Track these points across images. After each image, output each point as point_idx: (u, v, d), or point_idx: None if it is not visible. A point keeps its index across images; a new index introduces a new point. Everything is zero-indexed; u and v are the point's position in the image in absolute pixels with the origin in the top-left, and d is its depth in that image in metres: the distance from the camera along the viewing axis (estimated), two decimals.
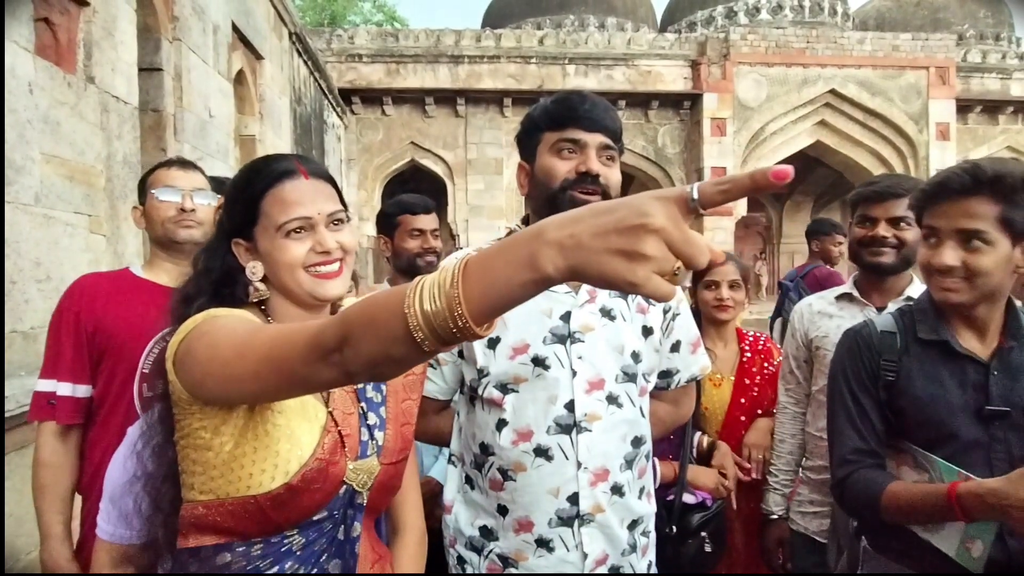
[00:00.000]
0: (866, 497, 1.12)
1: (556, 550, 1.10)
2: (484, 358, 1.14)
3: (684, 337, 1.26)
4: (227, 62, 4.66)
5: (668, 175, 12.87)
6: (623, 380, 1.14)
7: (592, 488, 1.10)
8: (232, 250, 0.87)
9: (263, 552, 0.80)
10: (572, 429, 1.10)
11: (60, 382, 1.41)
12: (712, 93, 12.21)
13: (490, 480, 1.14)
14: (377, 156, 11.98)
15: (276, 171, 0.86)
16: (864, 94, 12.65)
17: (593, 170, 1.11)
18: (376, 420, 0.91)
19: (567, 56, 12.05)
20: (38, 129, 2.36)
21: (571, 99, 1.15)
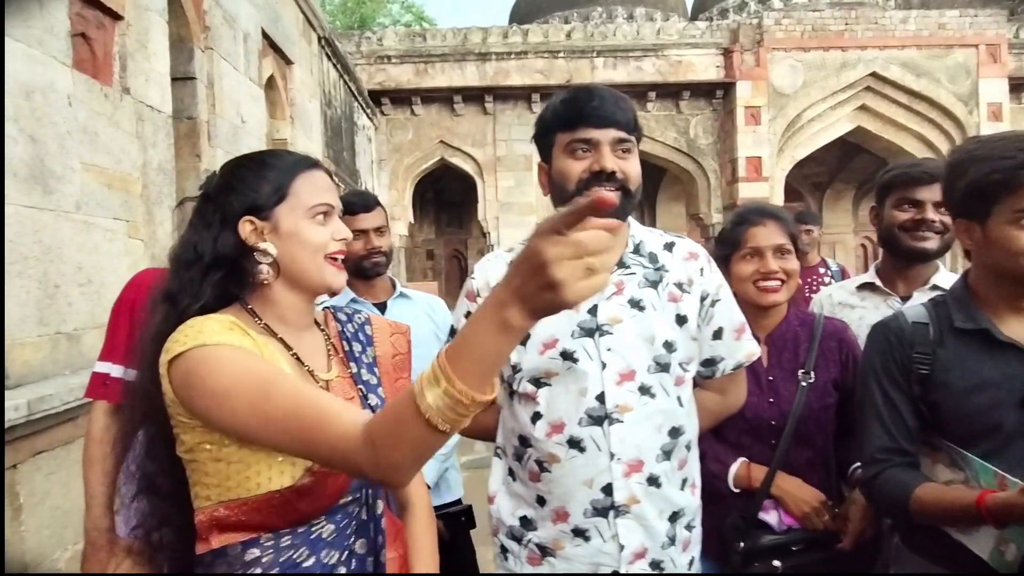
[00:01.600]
0: (894, 499, 1.09)
1: (592, 540, 1.11)
2: (516, 354, 1.17)
3: (726, 323, 1.23)
4: (258, 68, 4.78)
5: (701, 167, 12.64)
6: (656, 370, 1.13)
7: (626, 479, 1.11)
8: (236, 230, 0.86)
9: (292, 542, 0.81)
10: (603, 420, 1.11)
11: (115, 364, 1.52)
12: (746, 81, 11.92)
13: (529, 471, 1.17)
14: (407, 156, 12.11)
15: (309, 159, 0.92)
16: (908, 76, 12.16)
17: (607, 168, 1.11)
18: (376, 401, 0.93)
19: (595, 49, 11.94)
20: (77, 140, 2.47)
21: (579, 97, 1.15)
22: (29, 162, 2.19)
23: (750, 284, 1.42)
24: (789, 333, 1.45)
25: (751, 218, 1.45)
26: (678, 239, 1.25)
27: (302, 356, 0.89)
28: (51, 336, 2.30)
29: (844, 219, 15.95)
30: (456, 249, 15.80)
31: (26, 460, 2.05)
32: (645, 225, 1.29)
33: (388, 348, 1.01)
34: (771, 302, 1.42)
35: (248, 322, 0.86)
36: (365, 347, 0.99)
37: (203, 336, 0.77)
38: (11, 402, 1.92)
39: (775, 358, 1.44)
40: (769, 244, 1.41)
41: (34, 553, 2.07)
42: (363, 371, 0.95)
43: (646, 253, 1.19)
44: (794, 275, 1.42)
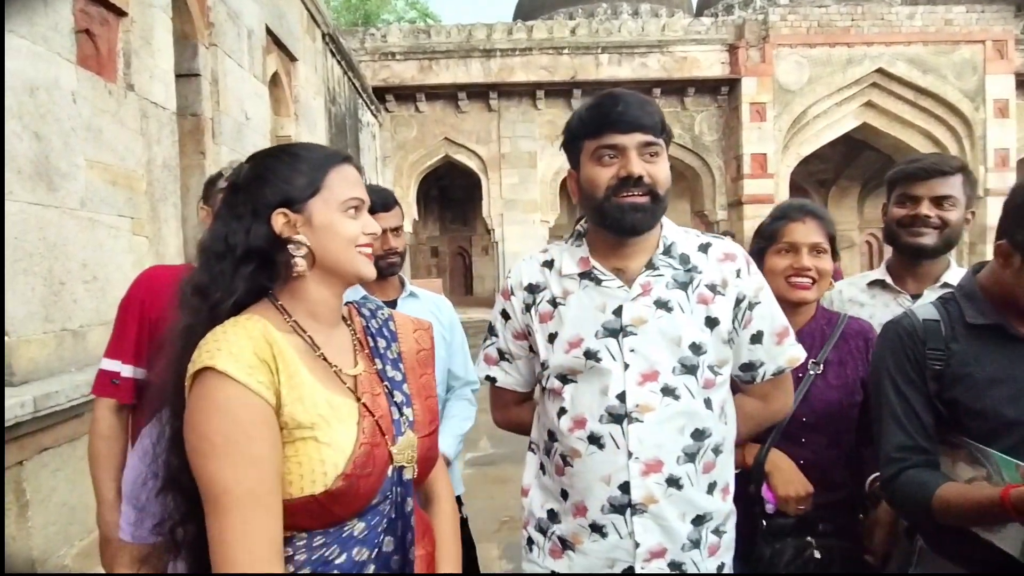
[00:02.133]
0: (916, 501, 1.07)
1: (608, 536, 1.12)
2: (545, 351, 1.20)
3: (767, 327, 1.21)
4: (262, 65, 4.78)
5: (706, 163, 12.60)
6: (681, 372, 1.13)
7: (643, 478, 1.10)
8: (268, 222, 0.85)
9: (325, 542, 0.82)
10: (623, 419, 1.11)
11: (125, 364, 1.53)
12: (751, 77, 11.87)
13: (555, 465, 1.19)
14: (412, 153, 12.11)
15: (341, 153, 0.93)
16: (915, 72, 12.09)
17: (634, 173, 1.11)
18: (402, 397, 0.94)
19: (600, 45, 11.90)
20: (82, 137, 2.46)
21: (604, 104, 1.15)
22: (34, 159, 2.19)
23: (782, 279, 1.41)
24: (817, 331, 1.44)
25: (791, 214, 1.44)
26: (716, 240, 1.24)
27: (329, 354, 0.89)
28: (56, 333, 2.31)
29: (849, 216, 15.89)
30: (460, 246, 15.80)
31: (32, 457, 2.06)
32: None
33: (412, 344, 1.02)
34: (800, 299, 1.40)
35: (277, 322, 0.86)
36: (390, 343, 0.99)
37: (218, 356, 0.77)
38: (17, 399, 1.92)
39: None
40: (806, 241, 1.40)
41: (40, 549, 2.08)
42: (388, 367, 0.96)
43: (677, 255, 1.19)
44: (826, 275, 1.41)
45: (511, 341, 1.26)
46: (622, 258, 1.17)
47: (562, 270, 1.20)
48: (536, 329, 1.20)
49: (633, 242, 1.17)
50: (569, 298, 1.18)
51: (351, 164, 0.93)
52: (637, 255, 1.17)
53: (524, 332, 1.23)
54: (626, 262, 1.17)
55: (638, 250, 1.17)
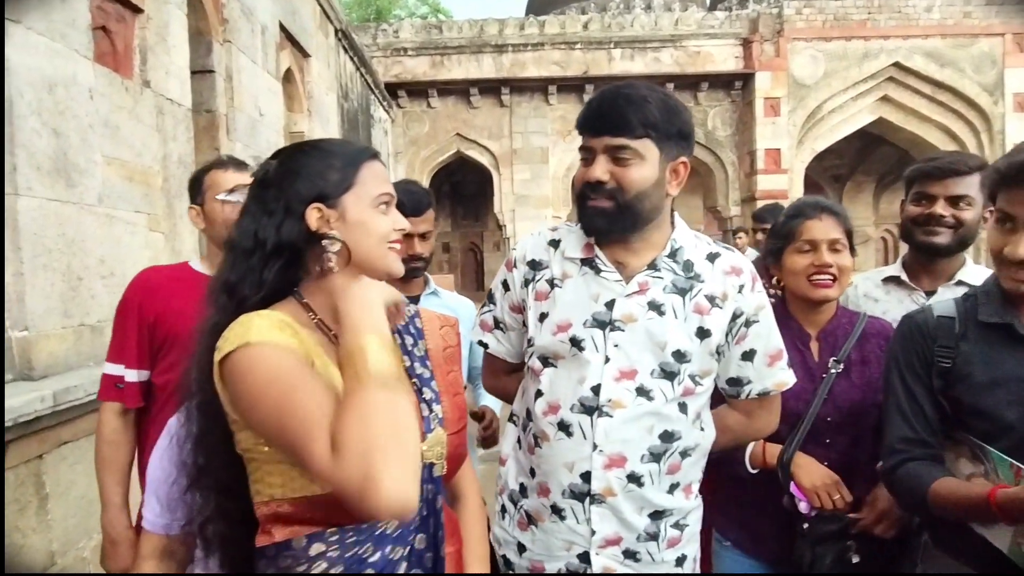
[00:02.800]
0: (912, 494, 1.09)
1: (567, 519, 1.15)
2: (533, 329, 1.20)
3: (760, 347, 1.21)
4: (275, 61, 4.79)
5: (719, 159, 12.49)
6: (659, 376, 1.13)
7: (605, 471, 1.12)
8: (301, 217, 0.84)
9: (357, 538, 0.81)
10: (594, 411, 1.12)
11: (128, 368, 1.53)
12: (765, 72, 11.73)
13: (527, 443, 1.22)
14: (424, 149, 12.11)
15: (371, 149, 0.93)
16: (932, 66, 11.89)
17: (591, 178, 1.11)
18: (431, 394, 0.93)
19: (612, 40, 11.81)
20: (99, 133, 2.48)
21: (589, 103, 1.15)
22: (52, 155, 2.21)
23: (803, 278, 1.39)
24: (840, 330, 1.43)
25: (807, 211, 1.43)
26: (725, 251, 1.22)
27: None
28: (75, 328, 2.33)
29: (865, 212, 15.69)
30: (472, 242, 15.80)
31: (51, 451, 2.08)
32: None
33: (439, 341, 1.02)
34: (823, 296, 1.38)
35: (302, 319, 0.85)
36: (416, 340, 0.99)
37: (248, 334, 0.77)
38: (36, 393, 1.94)
39: (826, 354, 1.41)
40: (825, 238, 1.38)
41: (60, 542, 2.11)
42: (416, 364, 0.96)
43: (682, 260, 1.17)
44: (847, 271, 1.40)
45: (507, 312, 1.27)
46: (624, 253, 1.16)
47: (566, 252, 1.20)
48: (530, 305, 1.20)
49: (632, 242, 1.16)
50: (567, 282, 1.18)
51: (379, 160, 0.93)
52: (640, 253, 1.16)
53: (520, 305, 1.24)
54: (628, 257, 1.16)
55: (641, 248, 1.16)
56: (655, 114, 1.09)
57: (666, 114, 1.10)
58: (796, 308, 1.45)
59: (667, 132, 1.11)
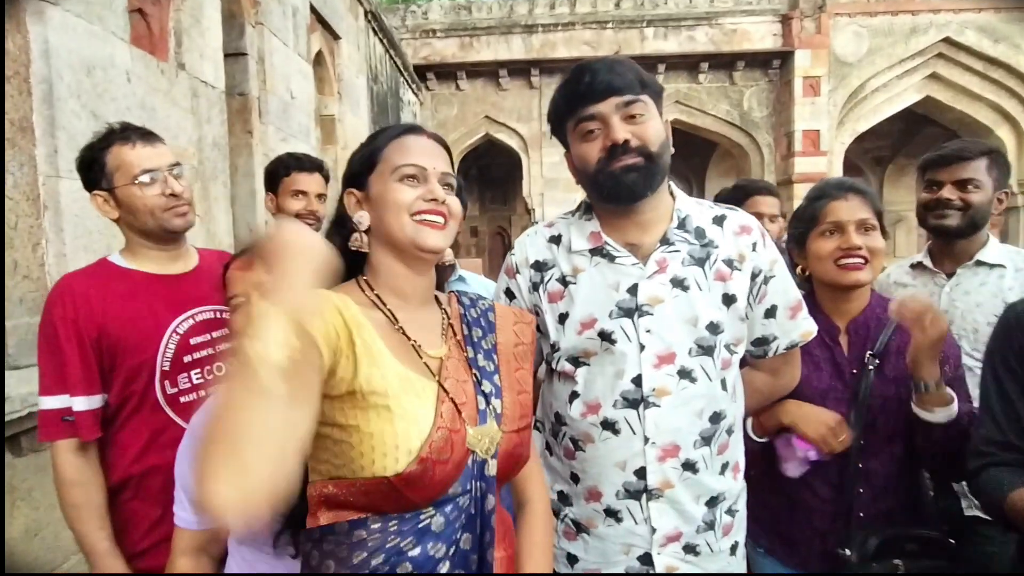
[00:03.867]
0: (991, 500, 1.02)
1: (624, 521, 1.11)
2: (556, 333, 1.14)
3: (781, 301, 1.17)
4: (307, 44, 4.78)
5: (755, 140, 12.15)
6: (698, 353, 1.09)
7: (660, 463, 1.08)
8: (344, 201, 0.92)
9: (399, 529, 0.80)
10: (639, 404, 1.08)
11: (74, 396, 1.29)
12: (805, 50, 11.32)
13: (564, 448, 1.16)
14: (452, 132, 12.06)
15: (403, 126, 0.94)
16: (985, 41, 11.31)
17: (619, 140, 1.06)
18: (491, 388, 0.91)
19: (645, 18, 11.53)
20: (136, 116, 2.50)
21: (571, 80, 1.10)
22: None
23: (830, 263, 1.29)
24: (872, 320, 1.32)
25: (830, 191, 1.34)
26: (729, 211, 1.18)
27: (410, 331, 0.88)
28: None
29: (907, 196, 15.12)
30: (500, 226, 15.76)
31: None
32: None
33: (511, 336, 1.00)
34: (854, 280, 1.28)
35: (358, 296, 0.88)
36: (486, 333, 0.97)
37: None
38: None
39: (857, 348, 1.32)
40: (851, 218, 1.28)
41: None
42: (480, 356, 0.94)
43: (692, 228, 1.13)
44: (879, 253, 1.30)
45: None
46: (635, 232, 1.12)
47: (572, 246, 1.14)
48: (545, 309, 1.15)
49: (644, 211, 1.11)
50: (580, 276, 1.13)
51: (416, 134, 0.92)
52: (650, 228, 1.12)
53: (531, 312, 1.18)
54: (640, 236, 1.12)
55: (650, 222, 1.12)
56: (641, 73, 1.10)
57: (647, 74, 1.12)
58: (824, 297, 1.35)
59: (655, 90, 1.11)
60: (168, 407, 1.36)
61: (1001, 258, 1.61)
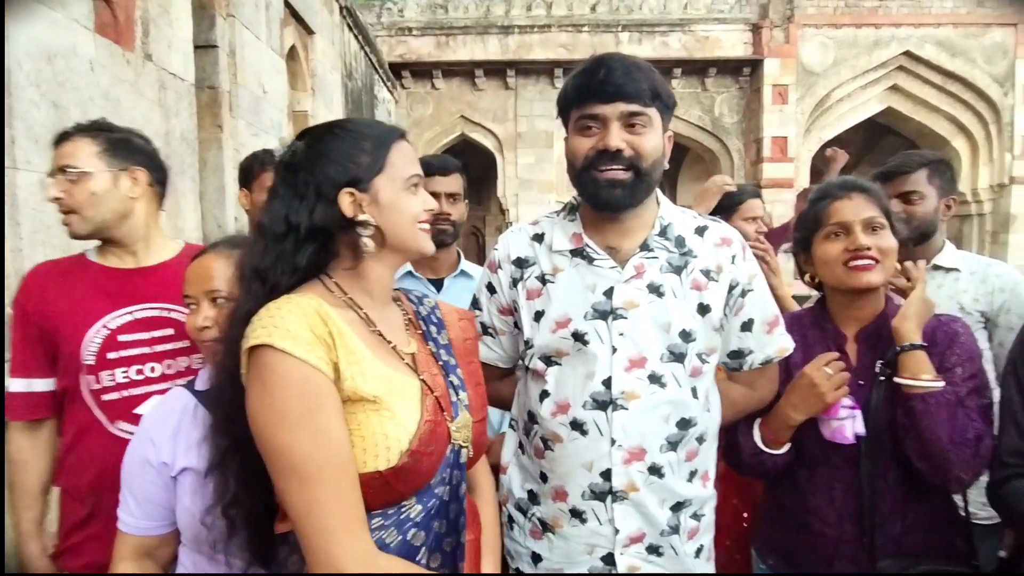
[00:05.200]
0: (1016, 514, 1.01)
1: (588, 522, 1.11)
2: (530, 330, 1.15)
3: (758, 315, 1.17)
4: (279, 38, 4.69)
5: (725, 146, 12.38)
6: (669, 360, 1.10)
7: (626, 466, 1.09)
8: (334, 202, 0.84)
9: (383, 523, 0.81)
10: (608, 406, 1.08)
11: (13, 378, 1.35)
12: (774, 58, 11.58)
13: (535, 447, 1.17)
14: (427, 130, 11.98)
15: (398, 129, 0.93)
16: (943, 55, 11.74)
17: (611, 146, 1.06)
18: (457, 380, 0.94)
19: (620, 23, 11.65)
20: (100, 106, 2.41)
21: (588, 70, 1.09)
22: (52, 128, 2.14)
23: (838, 266, 1.21)
24: (885, 329, 1.22)
25: (832, 191, 1.26)
26: (712, 223, 1.19)
27: (384, 331, 0.89)
28: None
29: None
30: (474, 226, 15.71)
31: None
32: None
33: (459, 332, 1.02)
34: (865, 283, 1.19)
35: (330, 298, 0.86)
36: (439, 329, 1.00)
37: (275, 334, 0.77)
38: None
39: (867, 357, 1.23)
40: (858, 218, 1.20)
41: None
42: (442, 352, 0.96)
43: (673, 236, 1.14)
44: (890, 253, 1.20)
45: (496, 316, 1.22)
46: (616, 236, 1.13)
47: (553, 245, 1.15)
48: (522, 305, 1.16)
49: (626, 219, 1.12)
50: (559, 275, 1.14)
51: (407, 139, 0.93)
52: (631, 234, 1.12)
53: (510, 307, 1.19)
54: (620, 240, 1.12)
55: (632, 228, 1.12)
56: (658, 84, 1.09)
57: (663, 86, 1.10)
58: (835, 304, 1.28)
59: (665, 103, 1.10)
60: (93, 403, 1.34)
61: (956, 262, 1.66)
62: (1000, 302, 1.59)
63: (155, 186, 1.47)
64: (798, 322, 1.34)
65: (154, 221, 1.48)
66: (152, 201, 1.47)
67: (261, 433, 0.76)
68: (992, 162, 12.26)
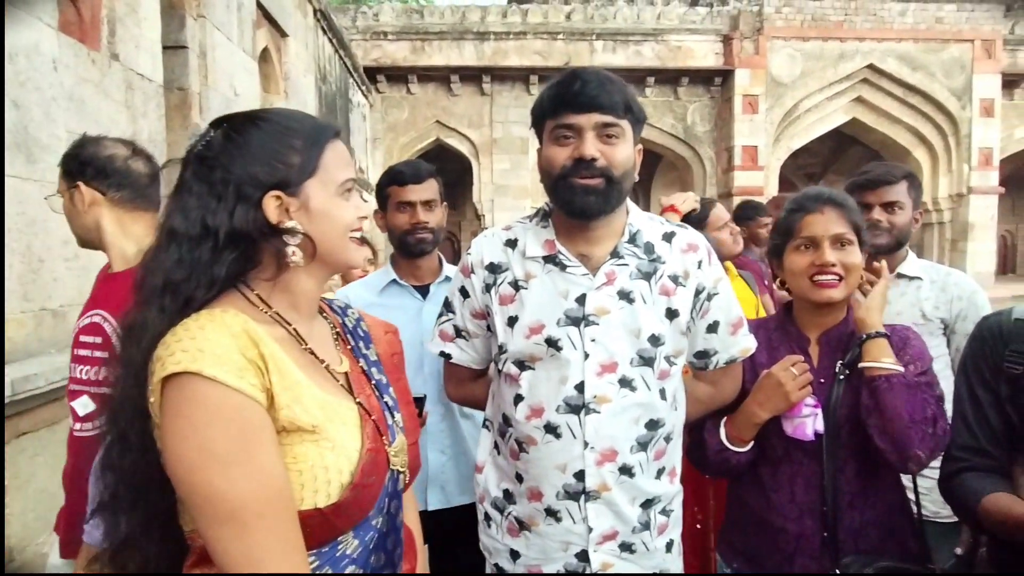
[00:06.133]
0: (964, 506, 1.04)
1: (563, 521, 1.14)
2: (504, 335, 1.17)
3: (723, 318, 1.21)
4: (252, 39, 4.63)
5: (697, 154, 12.59)
6: (639, 364, 1.13)
7: (598, 467, 1.12)
8: (258, 205, 0.74)
9: (319, 563, 0.73)
10: (581, 410, 1.12)
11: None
12: (744, 69, 11.84)
13: (510, 449, 1.19)
14: (402, 135, 11.93)
15: (332, 126, 0.83)
16: (904, 69, 12.15)
17: (586, 155, 1.08)
18: (391, 400, 0.88)
19: (595, 32, 11.78)
20: (63, 107, 2.35)
21: (563, 82, 1.12)
22: (12, 129, 2.08)
23: (804, 278, 1.26)
24: (846, 333, 1.29)
25: (807, 204, 1.30)
26: (679, 229, 1.23)
27: (315, 349, 0.80)
28: (35, 312, 2.21)
29: None
30: (450, 231, 15.68)
31: (10, 441, 1.98)
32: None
33: (386, 347, 0.95)
34: (826, 298, 1.25)
35: (253, 312, 0.75)
36: (367, 344, 0.92)
37: (201, 359, 0.66)
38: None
39: (827, 359, 1.29)
40: (826, 234, 1.24)
41: (18, 536, 2.00)
42: (373, 369, 0.89)
43: (642, 243, 1.17)
44: (854, 269, 1.26)
45: (468, 319, 1.23)
46: (587, 243, 1.15)
47: (526, 251, 1.17)
48: (495, 311, 1.17)
49: (597, 227, 1.14)
50: (531, 281, 1.15)
51: (339, 137, 0.83)
52: (602, 241, 1.15)
53: (483, 312, 1.21)
54: (591, 248, 1.15)
55: (603, 236, 1.15)
56: (629, 98, 1.12)
57: (635, 100, 1.14)
58: (800, 310, 1.34)
59: (636, 116, 1.14)
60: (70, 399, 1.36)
61: (918, 271, 1.71)
62: (958, 310, 1.65)
63: (110, 193, 1.41)
64: (764, 326, 1.40)
65: (121, 228, 1.44)
66: (113, 208, 1.42)
67: (187, 475, 0.66)
68: (951, 172, 12.70)
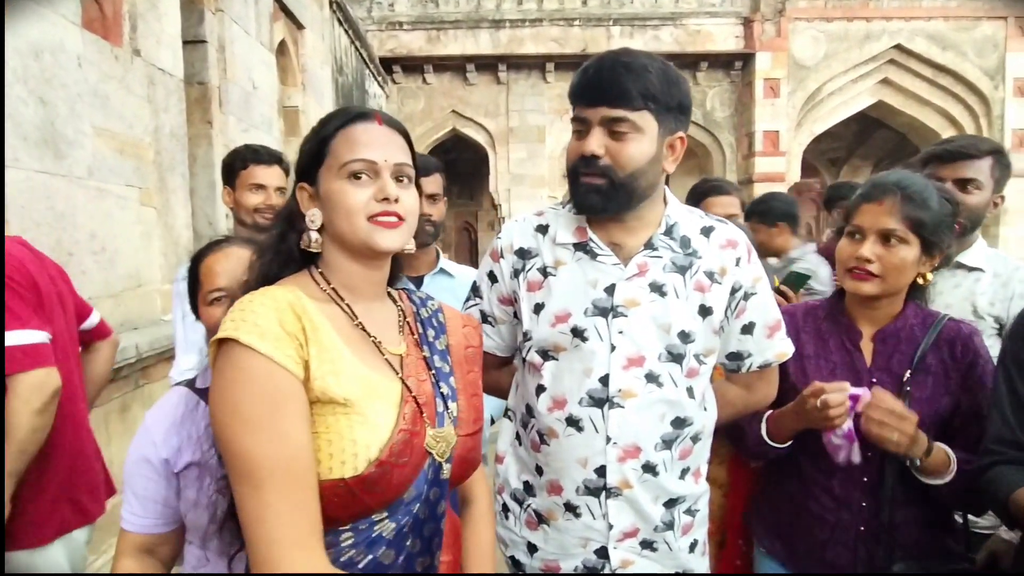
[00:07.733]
0: (995, 499, 1.02)
1: (582, 516, 1.12)
2: (529, 322, 1.14)
3: (759, 319, 1.17)
4: (269, 33, 4.66)
5: (717, 140, 12.40)
6: (667, 359, 1.09)
7: (620, 464, 1.09)
8: (296, 196, 0.87)
9: (353, 541, 0.77)
10: (604, 404, 1.08)
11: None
12: (765, 52, 11.60)
13: (531, 440, 1.17)
14: (419, 126, 11.93)
15: (352, 112, 0.86)
16: (934, 48, 11.79)
17: (586, 151, 1.04)
18: (448, 390, 0.89)
19: (612, 17, 11.62)
20: (88, 103, 2.40)
21: (584, 69, 1.07)
22: (40, 125, 2.13)
23: (843, 267, 1.22)
24: (904, 331, 1.22)
25: (871, 191, 1.22)
26: (719, 224, 1.17)
27: (369, 326, 0.84)
28: None
29: None
30: (466, 221, 15.69)
31: None
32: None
33: (460, 339, 0.97)
34: (856, 290, 1.21)
35: (312, 290, 0.83)
36: (439, 334, 0.94)
37: (243, 328, 0.73)
38: None
39: (883, 358, 1.22)
40: (873, 226, 1.17)
41: None
42: (436, 357, 0.91)
43: (678, 236, 1.12)
44: (896, 269, 1.17)
45: (496, 305, 1.20)
46: (621, 232, 1.11)
47: (557, 238, 1.14)
48: (522, 297, 1.14)
49: (627, 220, 1.10)
50: (560, 269, 1.12)
51: (366, 120, 0.85)
52: (636, 231, 1.11)
53: (510, 297, 1.17)
54: (624, 237, 1.11)
55: (639, 226, 1.11)
56: (655, 84, 1.02)
57: (666, 85, 1.04)
58: (850, 299, 1.27)
59: (667, 104, 1.05)
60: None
61: (980, 262, 1.53)
62: (1016, 309, 1.45)
63: None
64: (813, 314, 1.33)
65: None
66: None
67: (219, 431, 0.72)
68: None
